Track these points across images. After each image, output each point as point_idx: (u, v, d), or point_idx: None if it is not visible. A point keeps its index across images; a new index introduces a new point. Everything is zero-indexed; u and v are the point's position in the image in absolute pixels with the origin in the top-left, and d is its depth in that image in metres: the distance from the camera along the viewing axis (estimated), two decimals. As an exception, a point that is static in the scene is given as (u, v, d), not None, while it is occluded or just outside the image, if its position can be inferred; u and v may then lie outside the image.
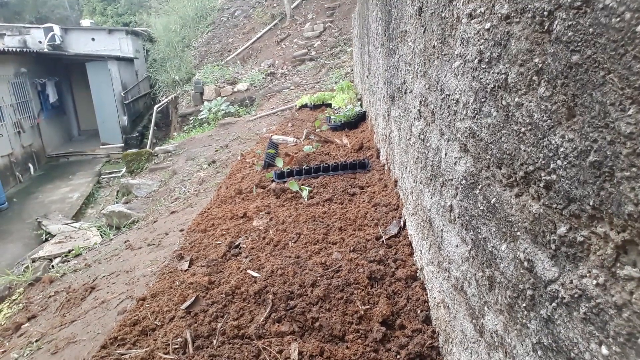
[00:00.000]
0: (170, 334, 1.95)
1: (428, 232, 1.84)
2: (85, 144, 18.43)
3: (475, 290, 1.20)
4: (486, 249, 1.10)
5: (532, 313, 0.85)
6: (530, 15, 0.81)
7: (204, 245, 2.96)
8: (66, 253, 5.66)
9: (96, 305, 2.98)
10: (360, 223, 2.81)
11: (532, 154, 0.84)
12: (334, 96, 8.29)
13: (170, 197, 6.48)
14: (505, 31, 0.93)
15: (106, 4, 32.26)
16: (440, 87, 1.52)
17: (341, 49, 14.37)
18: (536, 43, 0.80)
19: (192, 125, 13.82)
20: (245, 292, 2.16)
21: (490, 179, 1.06)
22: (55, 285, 3.92)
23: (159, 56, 20.35)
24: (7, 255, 8.50)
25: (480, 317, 1.16)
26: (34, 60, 16.23)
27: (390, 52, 2.87)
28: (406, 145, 2.38)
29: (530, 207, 0.86)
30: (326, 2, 17.17)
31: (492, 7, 1.00)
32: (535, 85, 0.81)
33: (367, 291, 2.03)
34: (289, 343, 1.75)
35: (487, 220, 1.09)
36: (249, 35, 17.88)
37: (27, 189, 13.18)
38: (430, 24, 1.63)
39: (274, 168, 4.26)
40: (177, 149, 10.06)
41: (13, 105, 14.41)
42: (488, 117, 1.05)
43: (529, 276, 0.87)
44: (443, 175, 1.52)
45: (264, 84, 14.27)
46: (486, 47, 1.04)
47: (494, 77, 1.00)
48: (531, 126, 0.83)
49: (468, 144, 1.22)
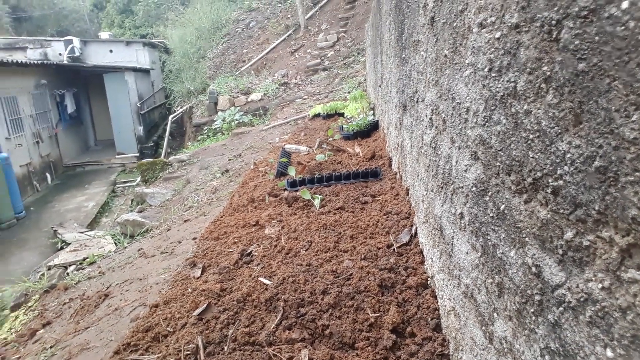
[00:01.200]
0: (182, 340, 1.97)
1: (439, 240, 1.84)
2: (102, 154, 18.77)
3: (485, 297, 1.20)
4: (495, 256, 1.10)
5: (540, 318, 0.86)
6: (539, 24, 0.82)
7: (216, 253, 2.99)
8: (81, 261, 5.74)
9: (109, 312, 3.02)
10: (371, 231, 2.81)
11: (540, 161, 0.85)
12: (346, 105, 8.33)
13: (184, 205, 6.54)
14: (515, 40, 0.94)
15: (124, 17, 32.99)
16: (451, 96, 1.53)
17: (354, 58, 14.46)
18: (544, 51, 0.81)
19: (206, 135, 13.98)
20: (256, 299, 2.18)
21: (500, 185, 1.07)
22: (70, 293, 3.98)
23: (175, 67, 20.71)
24: (23, 263, 8.65)
25: (490, 324, 1.16)
26: (53, 72, 16.65)
27: (403, 62, 2.89)
28: (418, 154, 2.38)
29: (538, 213, 0.86)
30: (340, 12, 17.33)
31: (502, 16, 1.02)
32: (544, 92, 0.82)
33: (377, 299, 2.03)
34: (299, 350, 1.76)
35: (497, 226, 1.09)
36: (263, 46, 18.10)
37: (44, 198, 13.43)
38: (442, 34, 1.65)
39: (287, 177, 4.29)
40: (191, 158, 10.18)
41: (33, 116, 14.76)
42: (498, 124, 1.06)
43: (537, 281, 0.87)
44: (454, 182, 1.53)
45: (277, 93, 14.40)
46: (496, 56, 1.06)
47: (504, 85, 1.01)
48: (539, 133, 0.84)
49: (478, 152, 1.23)
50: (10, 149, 12.67)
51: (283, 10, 19.44)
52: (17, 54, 18.63)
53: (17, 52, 18.77)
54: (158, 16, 28.83)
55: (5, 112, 12.94)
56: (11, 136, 13.15)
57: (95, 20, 38.15)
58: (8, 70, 13.38)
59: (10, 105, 13.34)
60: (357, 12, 16.61)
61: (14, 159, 12.35)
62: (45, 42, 20.43)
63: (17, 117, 13.71)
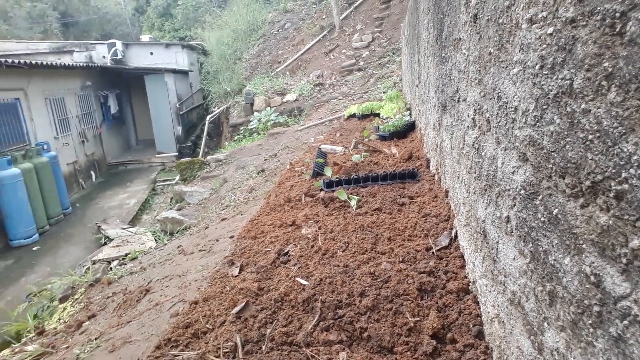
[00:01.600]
0: (221, 337, 1.99)
1: (482, 244, 1.78)
2: (142, 153, 19.39)
3: (534, 305, 1.15)
4: (547, 262, 1.05)
5: (599, 331, 0.81)
6: (599, 17, 0.78)
7: (253, 252, 3.02)
8: (123, 256, 5.94)
9: (150, 307, 3.09)
10: (409, 233, 2.76)
11: (600, 163, 0.79)
12: (382, 106, 8.25)
13: (221, 204, 6.65)
14: (571, 35, 0.89)
15: (164, 20, 33.98)
16: (496, 95, 1.48)
17: (390, 58, 14.32)
18: (606, 46, 0.76)
19: (242, 135, 14.19)
20: (293, 299, 2.18)
21: (552, 189, 1.02)
22: (113, 287, 4.11)
23: (212, 68, 21.13)
24: (70, 257, 9.05)
25: (539, 334, 1.11)
26: (98, 74, 17.34)
27: (442, 61, 2.83)
28: (458, 155, 2.32)
29: (597, 219, 0.81)
30: (375, 12, 17.20)
31: (556, 11, 0.97)
32: (605, 90, 0.77)
33: (416, 303, 1.99)
34: (337, 352, 1.75)
35: (549, 232, 1.04)
36: (298, 47, 18.20)
37: (89, 195, 14.00)
38: (487, 31, 1.59)
39: (323, 177, 4.28)
40: (228, 158, 10.35)
41: (79, 116, 15.44)
42: (550, 124, 1.01)
43: (595, 291, 0.82)
44: (499, 185, 1.47)
45: (312, 94, 14.44)
46: (549, 53, 1.01)
47: (558, 83, 0.96)
48: (599, 133, 0.79)
49: (527, 153, 1.18)
50: (58, 148, 13.29)
51: (318, 11, 19.48)
52: (65, 57, 19.52)
53: (64, 56, 19.66)
54: (196, 19, 29.54)
55: (54, 113, 13.60)
56: (59, 136, 13.79)
57: (136, 24, 39.51)
58: (57, 73, 14.05)
59: (58, 106, 14.00)
60: (392, 11, 16.44)
61: (62, 158, 12.95)
62: (90, 45, 21.29)
63: (65, 118, 14.36)
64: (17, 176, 9.87)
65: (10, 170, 9.76)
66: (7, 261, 9.22)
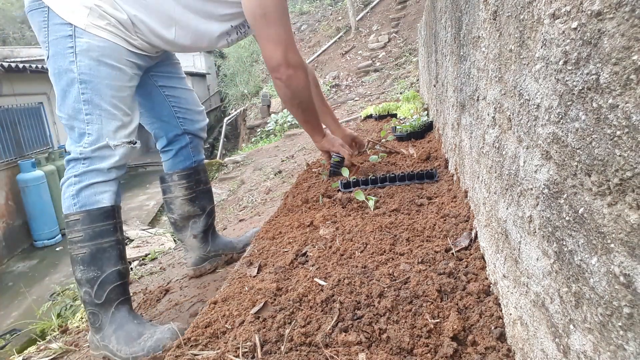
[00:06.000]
0: (240, 337, 2.00)
1: (503, 245, 1.75)
2: (161, 155, 19.61)
3: (558, 307, 1.12)
4: (572, 263, 1.03)
5: (630, 333, 0.78)
6: (628, 9, 0.75)
7: (271, 253, 3.02)
8: (143, 257, 6.03)
9: (170, 307, 3.13)
10: (428, 234, 2.73)
11: (629, 159, 0.77)
12: (399, 106, 8.19)
13: (239, 205, 6.70)
14: (596, 29, 0.87)
15: (182, 24, 34.34)
16: (518, 92, 1.45)
17: (406, 59, 14.25)
18: (635, 39, 0.74)
19: (259, 137, 14.29)
20: (312, 300, 2.17)
21: (578, 187, 0.99)
22: (134, 287, 4.17)
23: (229, 71, 21.34)
24: (91, 257, 9.20)
25: (565, 336, 1.08)
26: (118, 78, 17.60)
27: (461, 59, 2.79)
28: (478, 154, 2.29)
29: (627, 217, 0.79)
30: (391, 13, 17.15)
31: (580, 4, 0.94)
32: (634, 84, 0.75)
33: (436, 304, 1.97)
34: (356, 353, 1.73)
35: (574, 231, 1.02)
36: (315, 49, 18.26)
37: (110, 197, 14.20)
38: (507, 28, 1.57)
39: (340, 178, 4.27)
40: (245, 159, 10.42)
41: (99, 119, 15.67)
42: (575, 121, 0.99)
43: (625, 292, 0.80)
44: (521, 184, 1.45)
45: (328, 95, 14.47)
46: (573, 47, 0.98)
47: (583, 78, 0.94)
48: (628, 129, 0.77)
49: (551, 151, 1.15)
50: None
51: (334, 13, 19.51)
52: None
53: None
54: (214, 22, 29.76)
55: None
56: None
57: (155, 29, 40.10)
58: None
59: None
60: (408, 12, 16.37)
61: (83, 161, 13.17)
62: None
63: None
64: (41, 178, 10.10)
65: (34, 173, 10.00)
66: (32, 261, 9.45)
